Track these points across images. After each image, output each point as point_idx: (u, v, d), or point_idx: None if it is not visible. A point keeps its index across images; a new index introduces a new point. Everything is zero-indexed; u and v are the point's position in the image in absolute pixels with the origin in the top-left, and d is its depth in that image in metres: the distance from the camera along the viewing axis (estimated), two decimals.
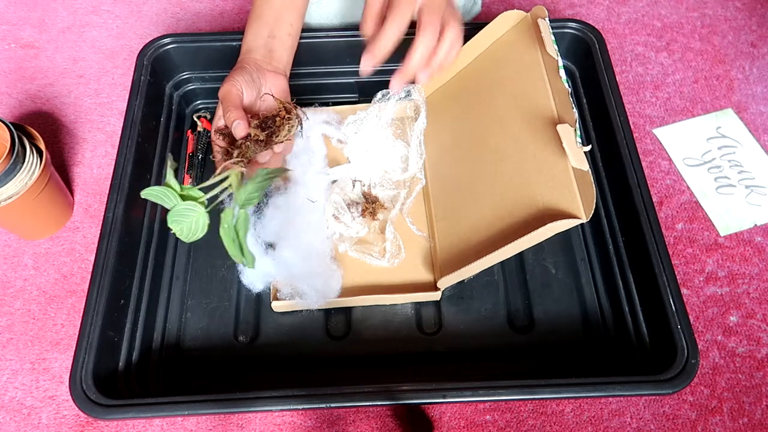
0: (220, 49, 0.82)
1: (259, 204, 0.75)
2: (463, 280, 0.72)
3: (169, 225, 0.57)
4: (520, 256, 0.76)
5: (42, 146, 0.73)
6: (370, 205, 0.75)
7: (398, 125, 0.81)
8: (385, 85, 0.74)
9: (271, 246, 0.72)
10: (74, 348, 0.60)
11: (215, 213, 0.58)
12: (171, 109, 0.84)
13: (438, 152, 0.77)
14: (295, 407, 0.58)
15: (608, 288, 0.73)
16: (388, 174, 0.78)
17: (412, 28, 0.75)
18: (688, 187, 0.86)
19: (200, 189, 0.58)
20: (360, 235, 0.75)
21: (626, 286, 0.70)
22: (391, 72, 0.63)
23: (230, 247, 0.59)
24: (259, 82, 0.65)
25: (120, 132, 0.74)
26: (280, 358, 0.70)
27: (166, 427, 0.68)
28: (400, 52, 0.66)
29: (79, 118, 0.92)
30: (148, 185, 0.76)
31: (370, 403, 0.59)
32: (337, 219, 0.74)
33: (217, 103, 0.88)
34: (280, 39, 0.68)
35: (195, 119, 0.86)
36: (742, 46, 1.01)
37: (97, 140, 0.90)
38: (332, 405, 0.58)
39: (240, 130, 0.61)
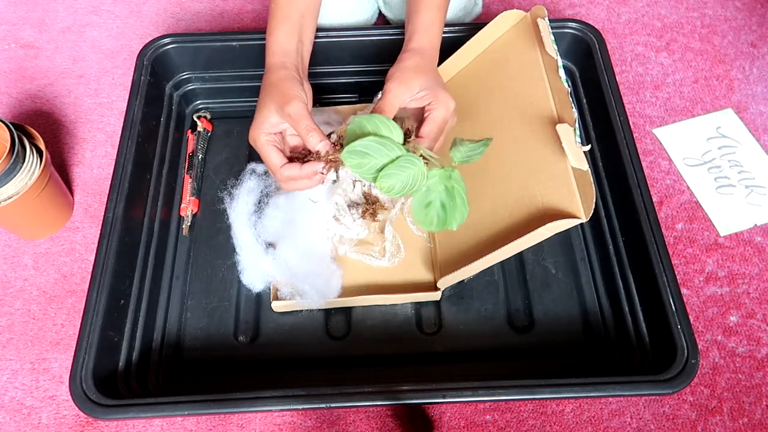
0: (220, 49, 0.82)
1: (259, 203, 0.75)
2: (463, 280, 0.72)
3: (378, 181, 0.53)
4: (520, 256, 0.76)
5: (42, 146, 0.73)
6: (370, 206, 0.75)
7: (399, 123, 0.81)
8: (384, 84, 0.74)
9: (271, 245, 0.72)
10: (74, 348, 0.61)
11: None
12: (171, 109, 0.84)
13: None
14: (295, 407, 0.58)
15: (608, 288, 0.73)
16: None
17: (401, 28, 0.76)
18: (688, 187, 0.86)
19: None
20: (360, 237, 0.74)
21: (626, 286, 0.70)
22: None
23: (420, 212, 0.55)
24: (305, 89, 0.64)
25: (120, 132, 0.74)
26: (280, 358, 0.70)
27: (166, 427, 0.68)
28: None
29: (79, 118, 0.92)
30: (149, 185, 0.76)
31: (370, 403, 0.59)
32: (338, 221, 0.73)
33: (217, 102, 0.89)
34: (305, 45, 0.68)
35: (195, 119, 0.86)
36: (742, 46, 1.01)
37: (97, 140, 0.90)
38: (332, 405, 0.58)
39: (325, 145, 0.58)
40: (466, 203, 0.56)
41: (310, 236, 0.71)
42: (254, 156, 0.83)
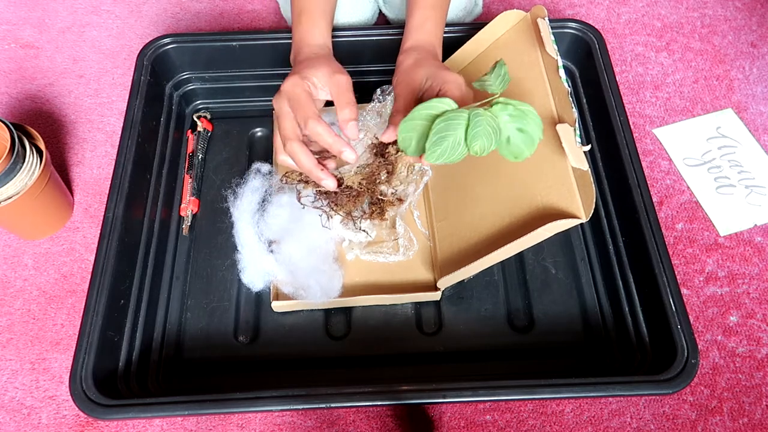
0: (220, 49, 0.82)
1: (263, 201, 0.75)
2: (463, 280, 0.72)
3: (471, 148, 0.50)
4: (520, 256, 0.76)
5: (42, 146, 0.73)
6: (377, 206, 0.74)
7: None
8: (384, 83, 0.74)
9: (273, 243, 0.72)
10: (74, 348, 0.61)
11: None
12: (171, 109, 0.84)
13: None
14: (295, 407, 0.58)
15: (608, 288, 0.73)
16: None
17: (401, 28, 0.75)
18: (688, 187, 0.86)
19: None
20: (369, 239, 0.74)
21: (626, 286, 0.70)
22: (389, 72, 0.63)
23: (507, 151, 0.53)
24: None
25: (120, 132, 0.74)
26: (280, 358, 0.70)
27: (166, 427, 0.68)
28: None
29: (79, 118, 0.92)
30: (148, 185, 0.76)
31: (370, 403, 0.59)
32: (345, 225, 0.73)
33: (217, 102, 0.89)
34: (329, 38, 0.68)
35: (195, 119, 0.86)
36: (742, 46, 1.01)
37: (97, 140, 0.90)
38: (332, 405, 0.58)
39: (353, 132, 0.56)
40: (537, 117, 0.53)
41: (315, 234, 0.71)
42: (255, 156, 0.84)
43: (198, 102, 0.89)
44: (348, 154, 0.55)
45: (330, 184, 0.58)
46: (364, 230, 0.72)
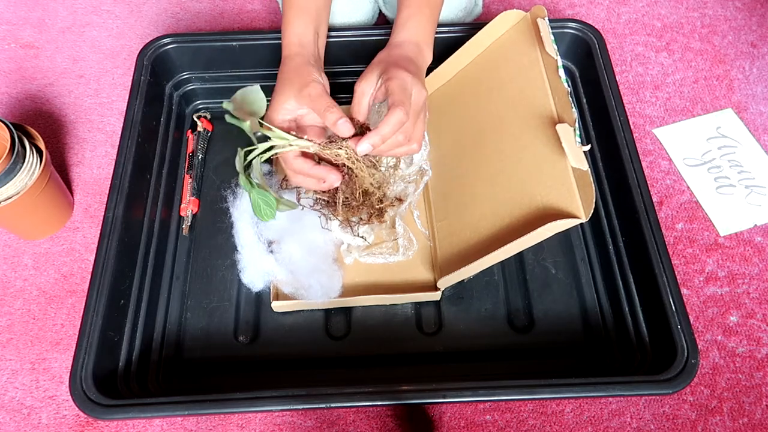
0: (220, 49, 0.82)
1: None
2: (463, 280, 0.72)
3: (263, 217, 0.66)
4: (520, 256, 0.76)
5: (42, 146, 0.73)
6: (375, 209, 0.74)
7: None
8: None
9: (272, 244, 0.72)
10: (74, 348, 0.61)
11: None
12: (171, 109, 0.84)
13: (438, 152, 0.77)
14: (295, 407, 0.58)
15: (608, 288, 0.73)
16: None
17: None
18: (688, 187, 0.86)
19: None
20: (367, 243, 0.74)
21: (626, 286, 0.70)
22: None
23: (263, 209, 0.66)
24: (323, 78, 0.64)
25: (120, 132, 0.74)
26: (280, 358, 0.70)
27: (166, 427, 0.68)
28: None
29: (79, 118, 0.92)
30: (149, 185, 0.76)
31: (370, 403, 0.59)
32: (344, 230, 0.72)
33: (217, 102, 0.89)
34: (321, 38, 0.68)
35: (195, 119, 0.86)
36: (742, 46, 1.01)
37: (97, 140, 0.90)
38: (332, 405, 0.58)
39: (346, 128, 0.56)
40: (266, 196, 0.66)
41: (315, 234, 0.71)
42: None
43: (198, 102, 0.89)
44: (332, 178, 0.59)
45: (335, 179, 0.60)
46: (361, 236, 0.72)
